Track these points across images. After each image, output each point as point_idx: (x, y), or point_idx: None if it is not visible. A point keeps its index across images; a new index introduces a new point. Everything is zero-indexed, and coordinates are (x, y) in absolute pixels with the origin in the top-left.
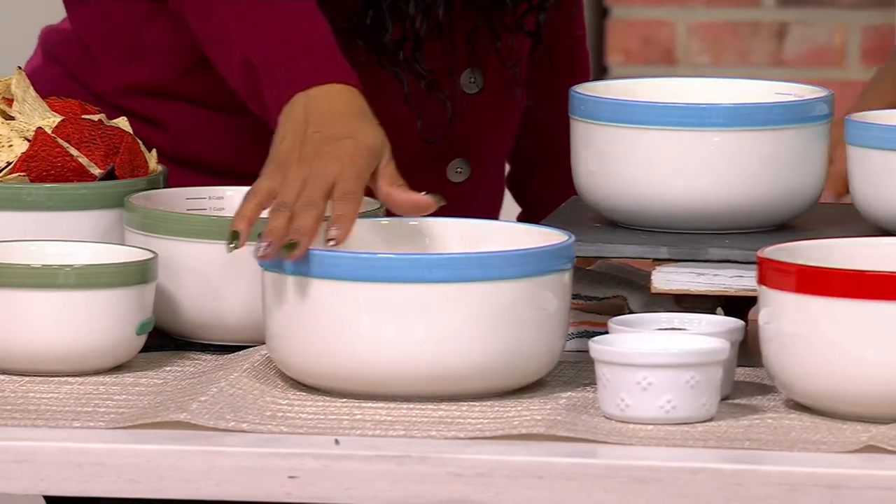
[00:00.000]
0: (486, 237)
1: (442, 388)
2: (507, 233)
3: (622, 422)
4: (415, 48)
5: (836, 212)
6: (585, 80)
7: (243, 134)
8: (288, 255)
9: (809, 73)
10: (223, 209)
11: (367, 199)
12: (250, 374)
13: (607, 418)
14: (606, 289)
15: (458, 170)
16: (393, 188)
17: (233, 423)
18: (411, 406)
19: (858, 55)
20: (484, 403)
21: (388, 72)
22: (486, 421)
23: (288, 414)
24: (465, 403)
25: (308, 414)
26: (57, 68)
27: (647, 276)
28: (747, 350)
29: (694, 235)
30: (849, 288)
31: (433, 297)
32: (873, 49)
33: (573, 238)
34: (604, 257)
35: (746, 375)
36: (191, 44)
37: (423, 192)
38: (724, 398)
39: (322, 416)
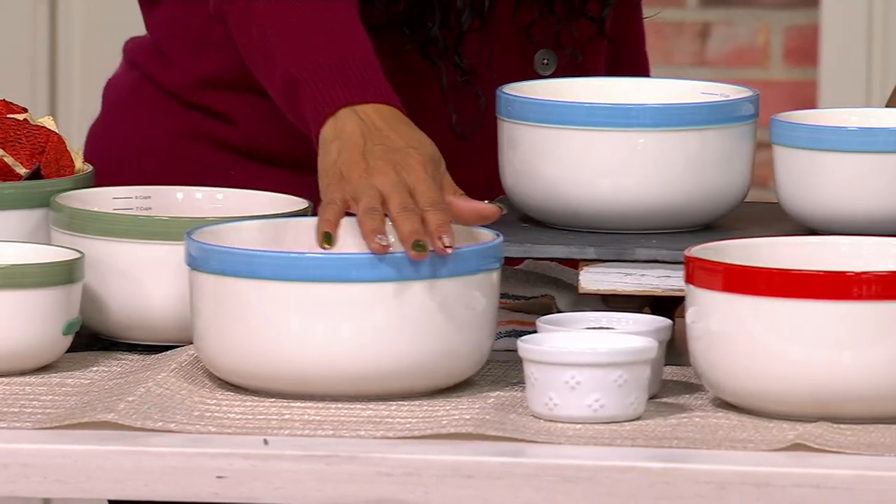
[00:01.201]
0: None
1: (370, 387)
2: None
3: (550, 421)
4: (457, 41)
5: (762, 211)
6: (646, 73)
7: None
8: (419, 255)
9: (733, 73)
10: (150, 209)
11: (296, 198)
12: (178, 374)
13: (536, 417)
14: (534, 288)
15: None
16: (455, 197)
17: (160, 424)
18: (340, 406)
19: (781, 55)
20: (412, 403)
21: (426, 63)
22: (414, 420)
23: (216, 414)
24: (394, 403)
25: (236, 414)
26: (134, 73)
27: (575, 275)
28: (675, 349)
29: (621, 236)
30: (775, 287)
31: (361, 296)
32: (796, 49)
33: (501, 238)
34: (532, 258)
35: (674, 374)
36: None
37: (486, 201)
38: (652, 397)
39: (250, 416)
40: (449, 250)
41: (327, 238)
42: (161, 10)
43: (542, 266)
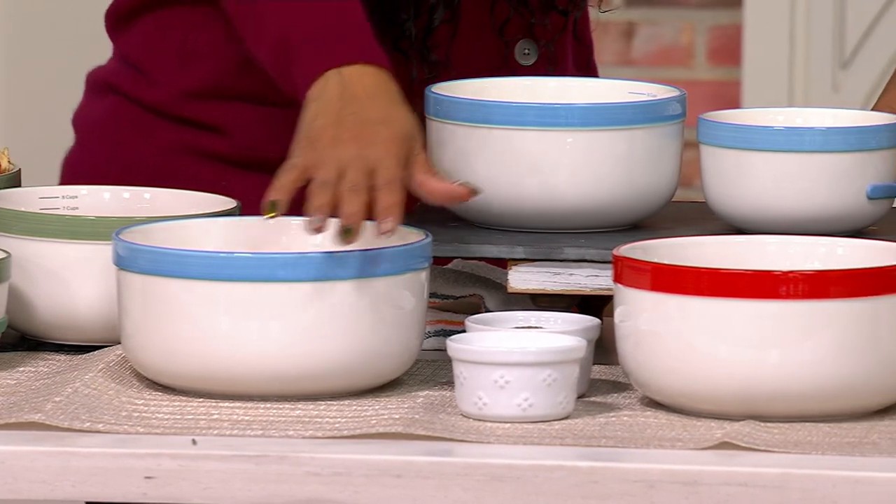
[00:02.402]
0: None
1: (299, 387)
2: (364, 232)
3: (480, 420)
4: (426, 34)
5: (689, 210)
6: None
7: None
8: (345, 240)
9: (657, 73)
10: (77, 208)
11: (226, 198)
12: (105, 374)
13: (465, 417)
14: (463, 287)
15: None
16: (427, 176)
17: (88, 424)
18: (269, 405)
19: (705, 55)
20: (342, 402)
21: (398, 56)
22: (343, 420)
23: (144, 414)
24: (323, 402)
25: (164, 414)
26: (112, 98)
27: (504, 274)
28: (603, 348)
29: (550, 235)
30: (703, 286)
31: (290, 296)
32: (720, 49)
33: (430, 237)
34: (461, 257)
35: (602, 373)
36: (239, 41)
37: (458, 181)
38: (581, 396)
39: (179, 416)
40: (387, 234)
41: (272, 206)
42: (135, 31)
43: (471, 265)
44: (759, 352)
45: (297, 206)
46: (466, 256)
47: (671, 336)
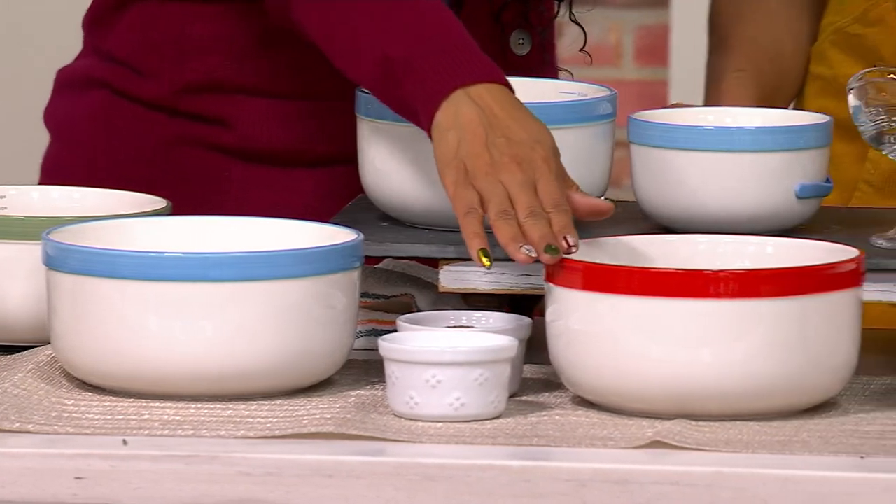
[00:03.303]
0: (275, 235)
1: (230, 387)
2: (295, 231)
3: (411, 420)
4: None
5: (620, 209)
6: None
7: (309, 118)
8: (553, 258)
9: (584, 72)
10: (5, 208)
11: (153, 197)
12: (35, 374)
13: (397, 416)
14: (394, 287)
15: None
16: (572, 192)
17: (17, 424)
18: (200, 405)
19: (632, 54)
20: (273, 402)
21: None
22: (275, 420)
23: (74, 414)
24: (255, 402)
25: (95, 414)
26: (97, 93)
27: (435, 274)
28: (535, 347)
29: None
30: (634, 285)
31: (221, 295)
32: (647, 48)
33: (361, 237)
34: (392, 256)
35: (534, 372)
36: (241, 33)
37: (602, 197)
38: (512, 395)
39: (109, 417)
40: (574, 249)
41: (486, 254)
42: (119, 29)
43: (402, 265)
44: (689, 351)
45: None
46: (398, 256)
47: (603, 335)
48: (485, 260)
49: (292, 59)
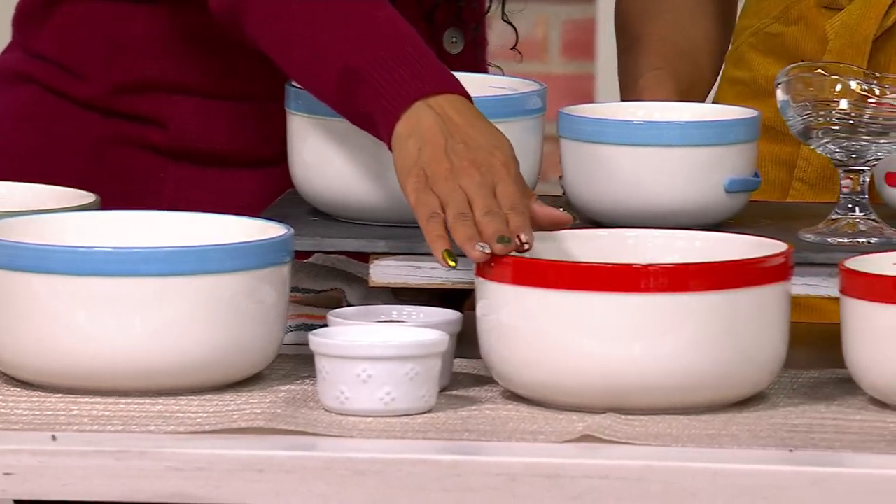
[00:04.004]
0: (205, 231)
1: (160, 382)
2: (225, 226)
3: (342, 414)
4: None
5: (549, 204)
6: None
7: (244, 119)
8: (506, 249)
9: (511, 67)
10: None
11: (81, 192)
12: None
13: (327, 411)
14: (324, 281)
15: None
16: (531, 201)
17: None
18: (129, 401)
19: (559, 49)
20: (203, 397)
21: None
22: (205, 415)
23: (2, 410)
24: (184, 397)
25: (23, 410)
26: (26, 88)
27: (366, 268)
28: (465, 341)
29: (412, 229)
30: (564, 280)
31: (150, 290)
32: (573, 43)
33: (292, 231)
34: (322, 251)
35: (464, 367)
36: (175, 33)
37: (560, 208)
38: (443, 389)
39: (38, 412)
40: (527, 247)
41: (451, 256)
42: (49, 28)
43: (332, 259)
44: (619, 345)
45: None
46: (328, 251)
47: (533, 330)
48: (450, 261)
49: (227, 60)
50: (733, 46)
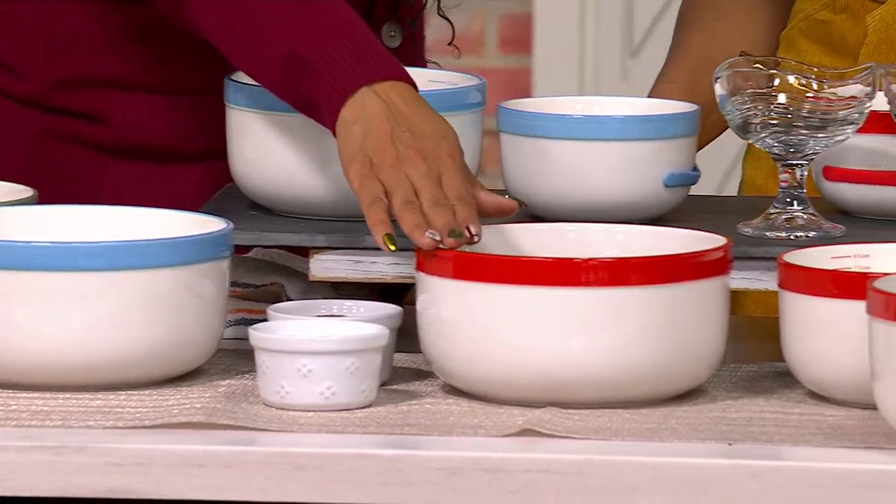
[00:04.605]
0: (144, 225)
1: (99, 377)
2: (165, 221)
3: (282, 409)
4: None
5: (525, 207)
6: None
7: (184, 114)
8: (458, 242)
9: (448, 61)
10: None
11: (19, 186)
12: None
13: (267, 406)
14: (264, 276)
15: None
16: (477, 190)
17: None
18: (68, 396)
19: (496, 43)
20: (142, 392)
21: None
22: (144, 410)
23: None
24: (124, 392)
25: None
26: None
27: (305, 263)
28: (405, 336)
29: (352, 223)
30: (504, 274)
31: (89, 285)
32: (510, 37)
33: (231, 226)
34: (262, 245)
35: (404, 361)
36: (113, 28)
37: (506, 196)
38: (383, 384)
39: None
40: (477, 239)
41: (391, 240)
42: None
43: (271, 254)
44: (560, 339)
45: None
46: (268, 245)
47: (473, 324)
48: (391, 245)
49: (165, 54)
50: (786, 29)
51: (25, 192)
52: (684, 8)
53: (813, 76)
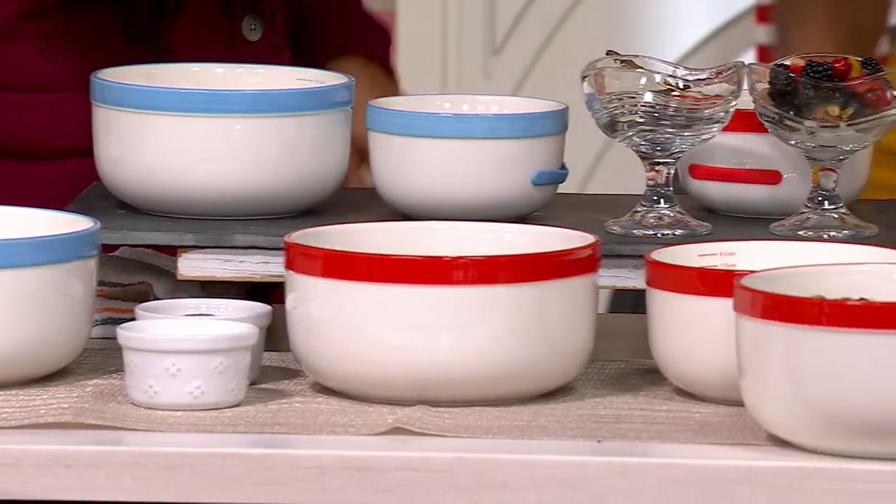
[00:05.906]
0: (8, 224)
1: None
2: (30, 219)
3: (151, 408)
4: (156, 21)
5: (359, 197)
6: None
7: (48, 112)
8: None
9: None
10: None
11: None
12: None
13: (136, 405)
14: (131, 275)
15: None
16: None
17: None
18: None
19: None
20: (8, 392)
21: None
22: (11, 410)
23: None
24: None
25: None
26: None
27: (173, 261)
28: (274, 335)
29: (220, 222)
30: (374, 272)
31: None
32: None
33: (98, 225)
34: (129, 244)
35: (274, 360)
36: None
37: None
38: (253, 383)
39: None
40: None
41: None
42: None
43: (139, 253)
44: (429, 337)
45: None
46: (135, 244)
47: (343, 322)
48: None
49: (26, 51)
50: None
51: None
52: None
53: (679, 75)
